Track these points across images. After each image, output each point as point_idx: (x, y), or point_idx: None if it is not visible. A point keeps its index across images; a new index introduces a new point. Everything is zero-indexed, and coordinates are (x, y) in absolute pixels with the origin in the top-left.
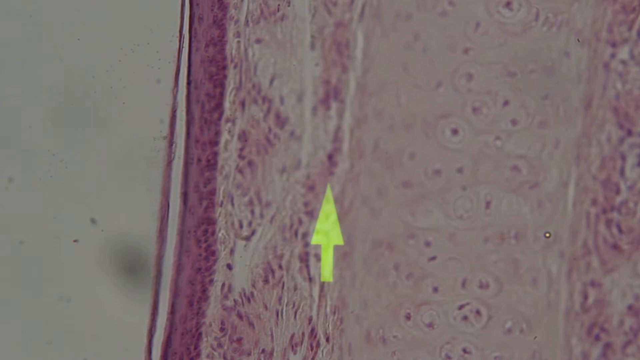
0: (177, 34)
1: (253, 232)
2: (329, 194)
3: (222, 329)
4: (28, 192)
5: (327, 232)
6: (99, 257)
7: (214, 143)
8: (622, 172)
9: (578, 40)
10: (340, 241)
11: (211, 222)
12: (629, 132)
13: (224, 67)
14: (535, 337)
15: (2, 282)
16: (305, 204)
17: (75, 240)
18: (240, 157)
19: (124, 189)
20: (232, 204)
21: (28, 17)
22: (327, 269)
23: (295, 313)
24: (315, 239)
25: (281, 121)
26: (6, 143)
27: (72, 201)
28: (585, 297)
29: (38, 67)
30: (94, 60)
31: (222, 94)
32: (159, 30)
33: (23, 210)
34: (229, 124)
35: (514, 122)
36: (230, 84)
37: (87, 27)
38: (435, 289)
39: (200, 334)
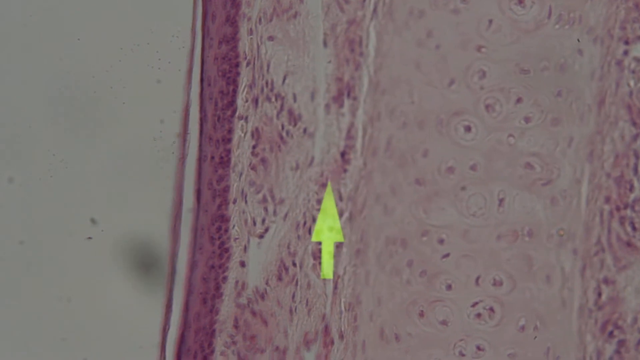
0: (177, 34)
1: (266, 230)
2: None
3: (235, 327)
4: (28, 192)
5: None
6: (103, 256)
7: (227, 140)
8: (635, 170)
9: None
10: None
11: (225, 219)
12: None
13: (237, 65)
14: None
15: (2, 282)
16: (318, 202)
17: (89, 238)
18: (253, 154)
19: (124, 188)
20: (246, 202)
21: (28, 17)
22: (327, 268)
23: (309, 310)
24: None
25: (294, 118)
26: (6, 143)
27: (72, 201)
28: (599, 294)
29: (38, 67)
30: (94, 60)
31: (235, 92)
32: (159, 30)
33: (23, 210)
34: (242, 122)
35: (527, 120)
36: (243, 81)
37: (87, 27)
38: (449, 286)
39: (214, 331)
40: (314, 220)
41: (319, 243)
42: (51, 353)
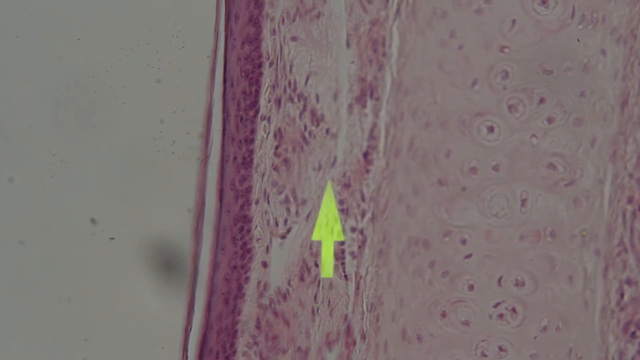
0: (177, 34)
1: (289, 230)
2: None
3: (257, 327)
4: (28, 192)
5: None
6: (103, 256)
7: (250, 141)
8: None
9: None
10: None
11: (247, 220)
12: None
13: (260, 65)
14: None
15: (2, 282)
16: (341, 202)
17: (111, 238)
18: (276, 154)
19: (124, 188)
20: (268, 202)
21: (28, 17)
22: (328, 266)
23: (331, 311)
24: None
25: (317, 119)
26: (6, 143)
27: (72, 201)
28: (622, 295)
29: (38, 67)
30: (94, 60)
31: (257, 92)
32: (159, 30)
33: (23, 210)
34: (265, 122)
35: (549, 120)
36: (266, 81)
37: (87, 27)
38: (471, 287)
39: (236, 331)
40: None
41: (342, 243)
42: (53, 353)
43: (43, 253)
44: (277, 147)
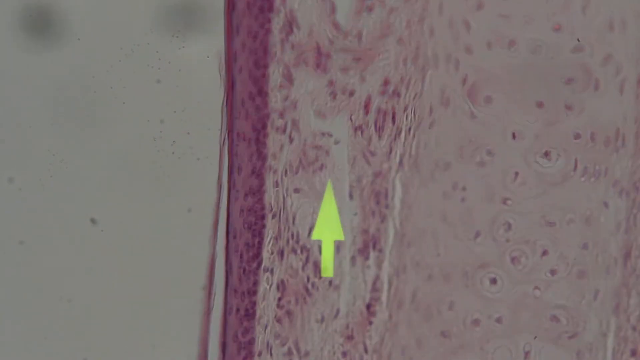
0: (177, 34)
1: None
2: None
3: None
4: (28, 192)
5: None
6: (103, 256)
7: (253, 293)
8: None
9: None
10: None
11: None
12: None
13: (263, 217)
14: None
15: (2, 282)
16: (344, 354)
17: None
18: (279, 306)
19: (124, 188)
20: (271, 354)
21: (28, 17)
22: (328, 263)
23: None
24: None
25: (319, 271)
26: (6, 143)
27: (72, 201)
28: None
29: (38, 67)
30: (94, 60)
31: (260, 244)
32: (159, 30)
33: (23, 210)
34: (268, 274)
35: (552, 272)
36: (269, 233)
37: (87, 27)
38: None
39: None
40: None
41: None
42: (53, 354)
43: (43, 253)
44: (280, 299)
